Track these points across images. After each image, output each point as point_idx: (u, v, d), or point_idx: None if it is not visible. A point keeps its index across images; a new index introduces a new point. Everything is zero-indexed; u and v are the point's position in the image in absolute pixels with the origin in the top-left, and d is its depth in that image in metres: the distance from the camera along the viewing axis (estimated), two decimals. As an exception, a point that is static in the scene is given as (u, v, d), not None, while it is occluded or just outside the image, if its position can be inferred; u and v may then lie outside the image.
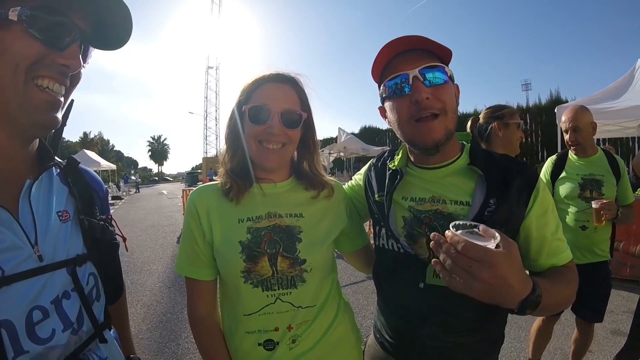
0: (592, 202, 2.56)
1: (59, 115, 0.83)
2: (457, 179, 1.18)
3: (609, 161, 2.76)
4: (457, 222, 0.87)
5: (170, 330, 4.30)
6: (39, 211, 0.83)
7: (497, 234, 0.82)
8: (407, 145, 1.27)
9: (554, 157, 2.98)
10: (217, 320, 1.28)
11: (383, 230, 1.25)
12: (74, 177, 0.97)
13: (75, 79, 0.85)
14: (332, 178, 1.38)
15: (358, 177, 1.50)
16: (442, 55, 1.14)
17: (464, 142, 1.28)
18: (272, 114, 1.15)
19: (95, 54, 0.92)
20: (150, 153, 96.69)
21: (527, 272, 1.22)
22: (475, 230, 0.86)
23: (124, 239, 1.15)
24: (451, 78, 1.15)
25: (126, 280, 5.53)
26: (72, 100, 1.07)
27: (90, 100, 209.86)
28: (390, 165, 1.30)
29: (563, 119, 2.78)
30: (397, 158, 1.31)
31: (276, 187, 1.26)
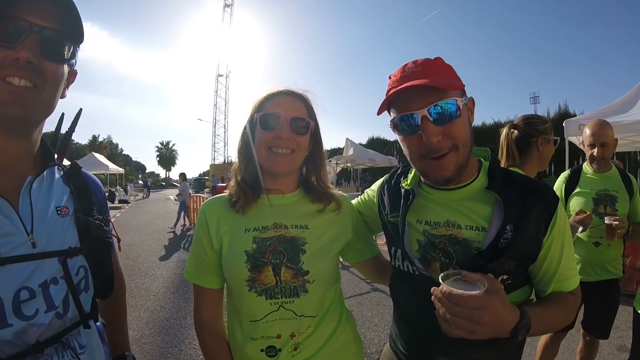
0: (605, 218, 2.54)
1: (28, 108, 0.86)
2: (473, 203, 1.15)
3: (622, 178, 2.74)
4: (443, 274, 0.96)
5: (173, 335, 4.30)
6: (37, 204, 0.93)
7: (482, 278, 0.93)
8: None
9: (567, 172, 2.94)
10: (222, 326, 1.31)
11: (399, 252, 1.24)
12: (76, 179, 1.09)
13: (51, 76, 0.89)
14: (339, 191, 1.40)
15: (371, 192, 1.49)
16: (457, 81, 1.11)
17: (481, 159, 1.24)
18: (281, 121, 1.20)
19: (110, 58, 0.96)
20: (158, 158, 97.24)
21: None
22: (460, 277, 0.95)
23: (119, 240, 1.25)
24: (461, 104, 1.07)
25: (130, 284, 5.60)
26: (81, 109, 1.19)
27: (101, 104, 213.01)
28: (403, 184, 1.28)
29: (588, 132, 2.73)
30: (410, 176, 1.28)
31: (284, 198, 1.29)
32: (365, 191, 1.54)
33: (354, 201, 1.54)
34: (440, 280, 0.94)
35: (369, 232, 1.48)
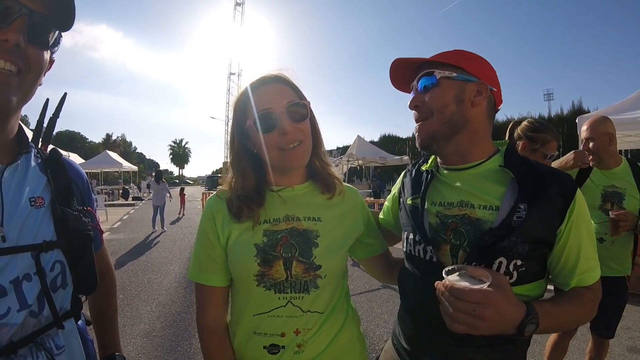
0: (610, 212, 2.50)
1: (11, 95, 0.82)
2: (487, 182, 1.14)
3: (633, 172, 2.67)
4: (447, 268, 0.94)
5: (184, 329, 4.36)
6: (9, 195, 0.87)
7: (487, 273, 0.90)
8: None
9: None
10: (226, 331, 1.23)
11: (411, 236, 1.22)
12: (55, 167, 1.01)
13: (35, 62, 0.85)
14: (346, 184, 1.36)
15: (395, 186, 1.50)
16: (453, 62, 1.16)
17: (500, 148, 1.24)
18: (277, 115, 1.11)
19: (124, 58, 0.92)
20: (171, 156, 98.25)
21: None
22: (464, 271, 0.93)
23: (101, 232, 1.19)
24: (449, 78, 1.14)
25: (143, 279, 5.70)
26: (65, 94, 1.13)
27: (115, 103, 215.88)
28: (423, 168, 1.33)
29: (583, 128, 2.76)
30: (430, 160, 1.34)
31: (294, 190, 1.24)
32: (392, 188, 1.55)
33: (387, 201, 1.55)
34: (443, 275, 0.93)
35: (378, 228, 1.45)
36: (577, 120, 7.03)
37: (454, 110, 1.14)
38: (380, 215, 1.55)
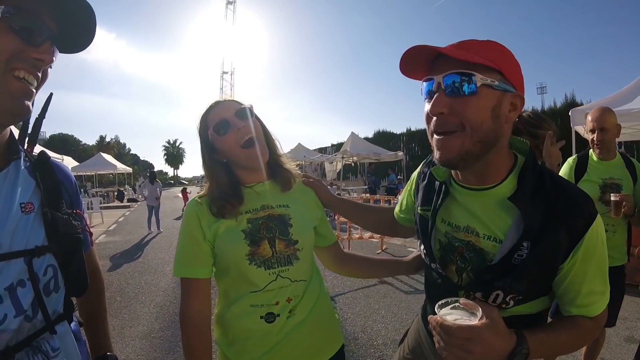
0: (611, 195, 2.53)
1: (30, 104, 0.87)
2: (496, 210, 1.06)
3: (626, 165, 2.75)
4: (440, 302, 0.97)
5: (182, 330, 4.33)
6: (0, 202, 0.88)
7: (478, 306, 0.93)
8: None
9: (574, 158, 2.94)
10: (208, 323, 1.34)
11: (422, 246, 1.24)
12: (43, 170, 1.01)
13: (44, 76, 0.91)
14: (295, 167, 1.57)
15: (412, 180, 1.48)
16: (495, 64, 0.96)
17: (517, 154, 1.12)
18: (230, 119, 1.36)
19: (117, 60, 0.97)
20: (165, 157, 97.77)
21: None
22: (457, 304, 0.96)
23: (90, 234, 1.22)
24: (490, 86, 0.95)
25: (140, 281, 5.68)
26: (51, 94, 1.17)
27: (109, 105, 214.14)
28: (436, 174, 1.21)
29: (589, 118, 2.77)
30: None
31: (264, 185, 1.45)
32: (411, 176, 1.52)
33: (403, 198, 1.56)
34: (435, 309, 0.96)
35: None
36: (570, 113, 7.08)
37: (490, 127, 0.97)
38: (397, 210, 1.58)
